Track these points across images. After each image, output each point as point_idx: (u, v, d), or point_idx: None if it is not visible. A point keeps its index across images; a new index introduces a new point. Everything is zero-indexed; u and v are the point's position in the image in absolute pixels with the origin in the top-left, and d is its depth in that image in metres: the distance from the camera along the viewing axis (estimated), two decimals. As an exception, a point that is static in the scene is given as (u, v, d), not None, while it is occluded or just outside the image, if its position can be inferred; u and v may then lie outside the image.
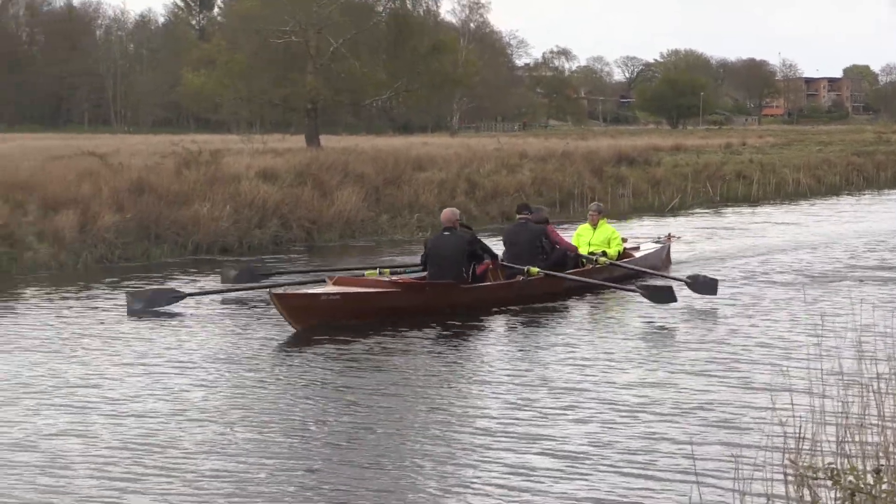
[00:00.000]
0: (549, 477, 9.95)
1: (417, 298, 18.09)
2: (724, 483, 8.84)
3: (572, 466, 10.26)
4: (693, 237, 31.60)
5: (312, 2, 61.17)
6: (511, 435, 11.32)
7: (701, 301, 19.55)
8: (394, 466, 10.44)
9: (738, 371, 14.17)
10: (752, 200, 46.59)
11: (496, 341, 17.07)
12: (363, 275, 19.39)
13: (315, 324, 16.71)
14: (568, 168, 45.02)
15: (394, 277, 19.07)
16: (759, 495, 7.86)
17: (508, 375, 14.16)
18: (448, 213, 19.43)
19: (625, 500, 9.41)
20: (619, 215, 39.43)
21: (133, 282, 22.52)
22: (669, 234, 26.19)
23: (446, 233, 18.84)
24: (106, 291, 21.39)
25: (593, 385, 13.39)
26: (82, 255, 25.21)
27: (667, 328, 17.56)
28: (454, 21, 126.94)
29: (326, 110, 64.35)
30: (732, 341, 16.21)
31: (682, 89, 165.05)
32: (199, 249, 27.10)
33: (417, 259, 20.27)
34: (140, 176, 29.75)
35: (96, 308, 19.52)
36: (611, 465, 10.28)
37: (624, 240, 23.33)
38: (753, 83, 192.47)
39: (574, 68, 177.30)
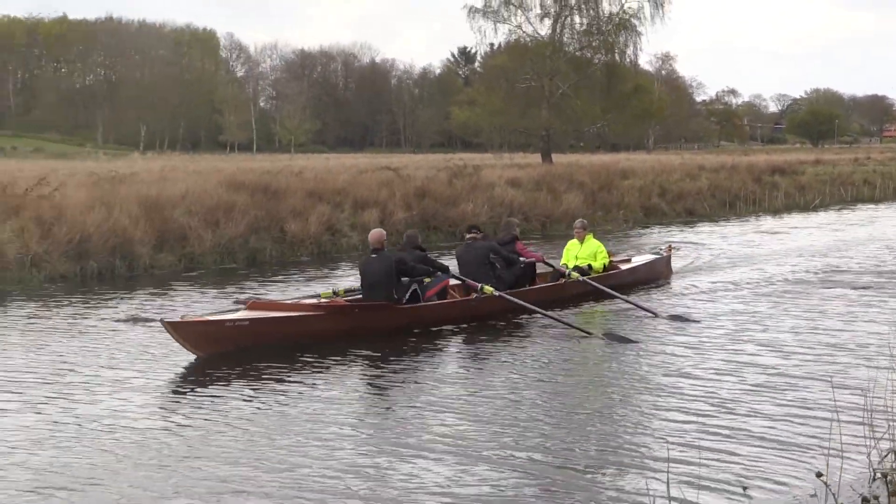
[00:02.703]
0: (716, 422, 9.27)
1: (345, 321, 13.21)
2: (858, 436, 8.05)
3: (736, 407, 9.59)
4: (838, 226, 31.56)
5: (546, 57, 62.25)
6: (683, 395, 10.50)
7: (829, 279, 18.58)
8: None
9: (861, 334, 12.90)
10: (876, 200, 45.70)
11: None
12: (318, 295, 14.57)
13: (220, 350, 12.14)
14: (735, 177, 44.91)
15: (324, 301, 14.03)
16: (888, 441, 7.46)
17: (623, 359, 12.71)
18: (374, 234, 14.39)
19: (779, 437, 8.46)
20: (774, 211, 38.84)
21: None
22: (669, 245, 21.14)
23: (373, 255, 14.06)
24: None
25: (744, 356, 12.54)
26: (382, 241, 25.76)
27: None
28: (650, 69, 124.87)
29: (556, 135, 64.57)
30: (863, 299, 15.59)
31: (822, 118, 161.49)
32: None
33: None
34: (422, 184, 30.39)
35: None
36: (769, 405, 9.65)
37: (611, 253, 18.55)
38: (876, 112, 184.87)
39: (739, 103, 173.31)
